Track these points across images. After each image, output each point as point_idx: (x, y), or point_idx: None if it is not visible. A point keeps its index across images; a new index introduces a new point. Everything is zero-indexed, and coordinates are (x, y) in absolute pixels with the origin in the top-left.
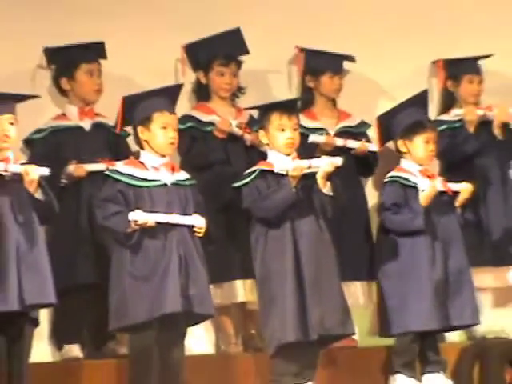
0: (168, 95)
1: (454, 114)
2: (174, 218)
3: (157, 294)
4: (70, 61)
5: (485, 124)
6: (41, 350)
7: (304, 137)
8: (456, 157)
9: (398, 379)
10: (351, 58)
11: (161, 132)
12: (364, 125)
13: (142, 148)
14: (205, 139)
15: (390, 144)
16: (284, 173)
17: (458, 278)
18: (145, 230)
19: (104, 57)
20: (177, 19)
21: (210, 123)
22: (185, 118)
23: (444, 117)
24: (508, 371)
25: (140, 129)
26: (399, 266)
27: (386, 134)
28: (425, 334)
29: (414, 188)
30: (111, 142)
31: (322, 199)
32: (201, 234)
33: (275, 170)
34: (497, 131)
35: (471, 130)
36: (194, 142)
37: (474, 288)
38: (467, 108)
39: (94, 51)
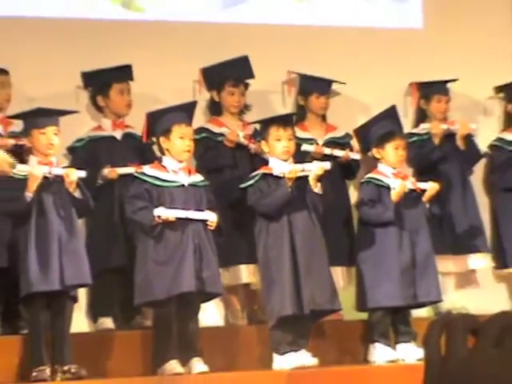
0: (185, 110)
1: (422, 127)
2: (191, 214)
3: (175, 276)
4: (104, 82)
5: (450, 136)
6: (79, 322)
7: (298, 146)
8: (423, 164)
9: (376, 347)
10: (337, 82)
11: (179, 141)
12: (348, 136)
13: (163, 154)
14: (216, 147)
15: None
16: (281, 175)
17: (424, 262)
18: (166, 223)
19: (131, 78)
20: (194, 47)
21: (221, 134)
22: (200, 130)
23: (415, 130)
24: (469, 339)
25: (162, 139)
26: (373, 252)
27: (364, 144)
28: (395, 310)
29: (387, 187)
30: (139, 149)
31: (314, 197)
32: (213, 227)
33: (274, 173)
34: (460, 142)
35: (436, 141)
36: (208, 149)
37: (437, 270)
38: (433, 123)
39: (124, 73)
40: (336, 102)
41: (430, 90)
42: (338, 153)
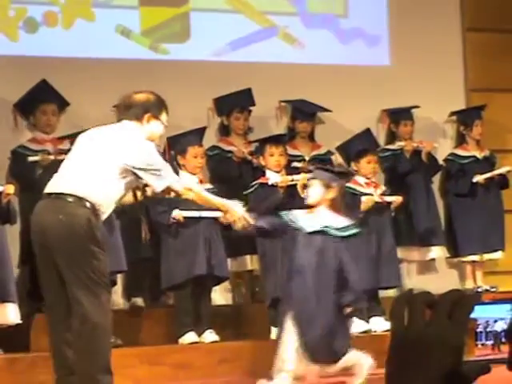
0: (197, 134)
1: (398, 145)
2: (198, 213)
3: (190, 263)
4: None
5: (418, 152)
6: (116, 300)
7: (290, 160)
8: (396, 173)
9: (354, 320)
10: (322, 110)
11: (193, 160)
12: (329, 153)
13: (180, 168)
14: (226, 162)
15: None
16: (275, 184)
17: (388, 254)
18: (180, 223)
19: None
20: (208, 81)
21: (230, 151)
22: (213, 148)
23: (389, 146)
24: (426, 312)
25: (179, 157)
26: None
27: (346, 158)
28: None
29: (359, 195)
30: None
31: (301, 202)
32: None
33: (269, 183)
34: (424, 157)
35: (407, 156)
36: (219, 163)
37: (398, 262)
38: (407, 142)
39: None
40: (322, 125)
41: (398, 116)
42: None
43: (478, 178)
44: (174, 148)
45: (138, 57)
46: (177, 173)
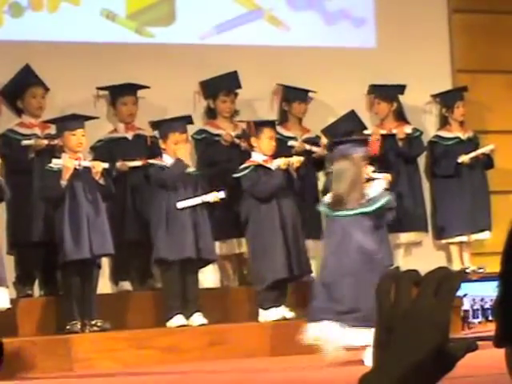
0: (179, 121)
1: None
2: (196, 201)
3: (179, 245)
4: (113, 97)
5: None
6: (104, 285)
7: (282, 142)
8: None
9: None
10: (314, 91)
11: (173, 146)
12: (318, 137)
13: (164, 151)
14: (214, 146)
15: None
16: (273, 167)
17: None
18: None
19: (132, 93)
20: (195, 64)
21: (218, 135)
22: (200, 131)
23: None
24: (413, 290)
25: (161, 141)
26: None
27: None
28: None
29: None
30: (146, 147)
31: (293, 183)
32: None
33: (272, 167)
34: (399, 142)
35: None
36: (207, 147)
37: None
38: (374, 128)
39: (125, 89)
40: (308, 108)
41: (376, 95)
42: (315, 149)
43: (464, 158)
44: (157, 132)
45: (123, 40)
46: (160, 155)
